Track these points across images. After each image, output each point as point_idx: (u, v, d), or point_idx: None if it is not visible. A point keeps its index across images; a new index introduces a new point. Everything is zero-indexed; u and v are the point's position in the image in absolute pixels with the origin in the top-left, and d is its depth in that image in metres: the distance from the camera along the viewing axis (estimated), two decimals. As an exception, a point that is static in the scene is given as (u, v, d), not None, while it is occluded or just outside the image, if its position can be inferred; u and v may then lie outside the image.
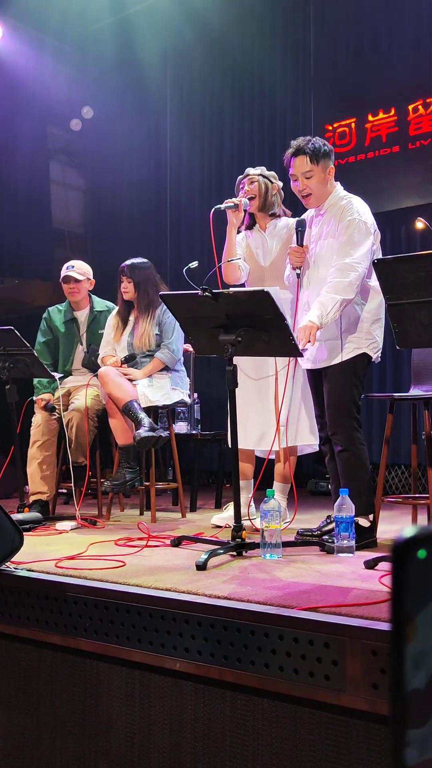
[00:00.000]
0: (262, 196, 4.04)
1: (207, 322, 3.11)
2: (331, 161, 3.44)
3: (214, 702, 2.18)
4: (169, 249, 7.86)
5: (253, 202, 4.04)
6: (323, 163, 3.40)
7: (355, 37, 6.62)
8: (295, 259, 3.47)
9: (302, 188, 3.43)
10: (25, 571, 2.76)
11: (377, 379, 6.16)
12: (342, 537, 3.02)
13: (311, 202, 3.46)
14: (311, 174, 3.39)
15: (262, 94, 7.24)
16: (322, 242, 3.43)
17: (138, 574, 2.63)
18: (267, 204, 4.06)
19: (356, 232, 3.28)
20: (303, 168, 3.39)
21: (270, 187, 4.06)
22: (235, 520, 3.08)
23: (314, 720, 1.98)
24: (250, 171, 4.11)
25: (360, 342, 3.34)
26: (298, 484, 6.28)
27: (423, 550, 0.59)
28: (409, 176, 6.12)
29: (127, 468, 4.30)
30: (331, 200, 3.43)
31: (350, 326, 3.34)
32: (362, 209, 3.36)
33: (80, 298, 4.77)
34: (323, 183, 3.42)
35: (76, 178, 8.74)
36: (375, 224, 3.37)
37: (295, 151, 3.41)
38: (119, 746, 2.39)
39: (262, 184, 4.05)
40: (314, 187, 3.41)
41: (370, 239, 3.30)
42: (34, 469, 4.43)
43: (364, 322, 3.35)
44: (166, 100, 8.01)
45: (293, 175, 3.45)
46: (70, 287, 4.72)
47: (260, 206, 4.06)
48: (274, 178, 4.11)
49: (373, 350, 3.38)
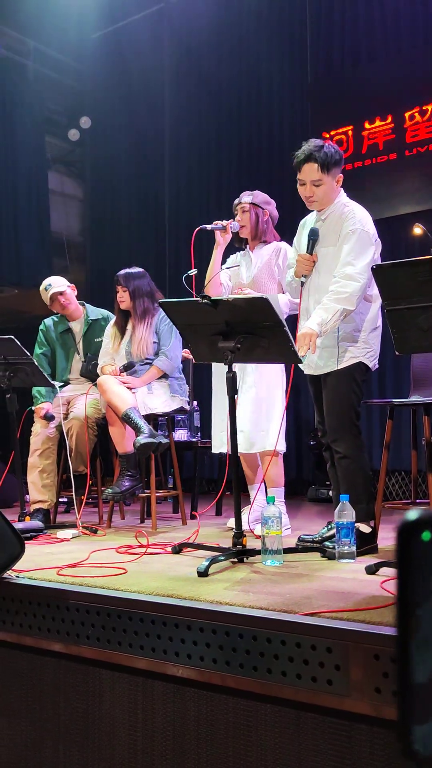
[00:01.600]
0: (254, 226, 4.23)
1: (206, 329, 3.12)
2: (340, 169, 3.38)
3: (217, 708, 2.18)
4: (167, 257, 7.89)
5: (244, 230, 4.23)
6: (333, 171, 3.34)
7: (351, 45, 6.66)
8: (302, 266, 3.43)
9: (309, 195, 3.37)
10: (27, 579, 2.76)
11: (377, 385, 6.17)
12: (343, 543, 3.02)
13: (314, 206, 3.43)
14: (320, 183, 3.33)
15: (260, 102, 7.28)
16: (323, 250, 3.40)
17: (139, 581, 2.63)
18: (258, 233, 4.25)
19: (358, 242, 3.26)
20: (312, 176, 3.33)
21: (261, 216, 4.22)
22: (236, 526, 3.09)
23: (317, 725, 1.98)
24: (243, 198, 4.25)
25: (356, 351, 3.34)
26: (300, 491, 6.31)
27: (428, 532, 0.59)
28: (407, 183, 6.15)
29: (127, 476, 4.30)
30: (334, 207, 3.39)
31: (347, 336, 3.33)
32: (365, 218, 3.33)
33: (73, 306, 4.79)
34: (331, 191, 3.37)
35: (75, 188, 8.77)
36: (376, 234, 3.36)
37: (306, 157, 3.33)
38: (122, 753, 2.38)
39: (253, 214, 4.21)
40: (321, 195, 3.36)
41: (371, 249, 3.28)
42: (35, 477, 4.44)
43: (363, 331, 3.35)
44: (164, 109, 8.04)
45: (301, 180, 3.38)
46: (61, 303, 4.75)
47: (252, 235, 4.26)
48: (266, 204, 4.24)
49: (370, 359, 3.38)
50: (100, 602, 2.45)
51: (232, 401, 3.08)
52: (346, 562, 2.99)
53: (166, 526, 4.53)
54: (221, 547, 3.22)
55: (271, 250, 4.22)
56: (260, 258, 4.23)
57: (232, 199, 4.37)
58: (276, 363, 3.75)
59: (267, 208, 4.24)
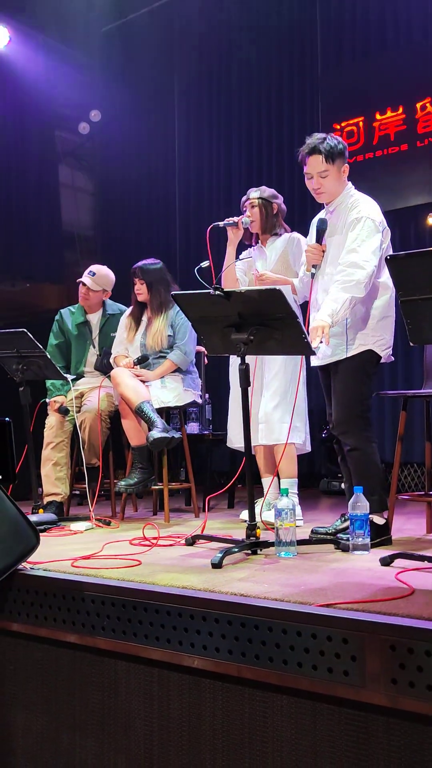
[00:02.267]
0: (263, 220, 4.26)
1: (219, 321, 3.12)
2: (345, 159, 3.43)
3: (232, 699, 2.18)
4: (178, 250, 7.88)
5: (254, 225, 4.25)
6: (338, 162, 3.39)
7: (362, 35, 6.62)
8: (312, 256, 3.44)
9: (317, 186, 3.42)
10: (42, 570, 2.77)
11: (389, 377, 6.15)
12: (357, 534, 3.02)
13: (323, 198, 3.46)
14: (327, 173, 3.38)
15: (270, 94, 7.25)
16: (330, 239, 3.42)
17: (154, 573, 2.64)
18: (268, 226, 4.28)
19: (362, 230, 3.27)
20: (318, 168, 3.38)
21: (270, 210, 4.25)
22: (249, 518, 3.09)
23: (333, 716, 1.98)
24: (251, 194, 4.27)
25: (366, 339, 3.32)
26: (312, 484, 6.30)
27: None
28: (418, 174, 6.12)
29: (140, 468, 4.31)
30: (341, 198, 3.43)
31: (356, 323, 3.32)
32: (370, 207, 3.35)
33: (91, 304, 4.80)
34: (338, 181, 3.41)
35: (85, 182, 8.76)
36: (384, 222, 3.36)
37: (310, 150, 3.40)
38: (138, 744, 2.39)
39: (262, 208, 4.23)
40: (329, 186, 3.41)
41: (377, 237, 3.28)
42: (48, 470, 4.45)
43: (371, 319, 3.33)
44: (174, 101, 8.02)
45: (308, 174, 3.44)
46: (83, 292, 4.75)
47: (262, 229, 4.28)
48: (273, 198, 4.26)
49: (381, 347, 3.35)
50: (115, 593, 2.45)
51: (245, 393, 3.08)
52: (361, 553, 2.99)
53: (178, 518, 4.54)
54: (234, 539, 3.22)
55: (284, 241, 4.23)
56: (274, 251, 4.24)
57: (242, 192, 4.38)
58: (289, 354, 3.73)
59: (275, 201, 4.26)
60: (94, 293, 4.76)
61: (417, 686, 1.81)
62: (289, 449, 4.06)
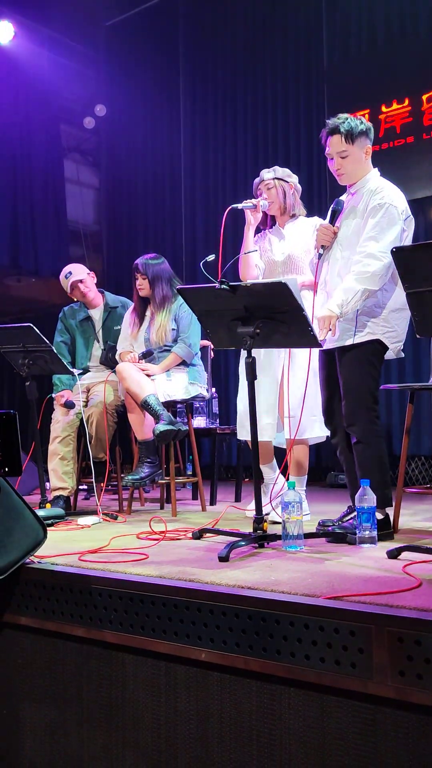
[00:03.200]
0: (281, 200, 4.06)
1: (225, 314, 3.11)
2: (369, 140, 3.37)
3: (240, 692, 2.18)
4: (184, 244, 7.87)
5: (272, 206, 4.07)
6: (359, 142, 3.33)
7: (368, 27, 6.60)
8: (322, 236, 3.41)
9: (337, 167, 3.37)
10: (50, 564, 2.78)
11: (397, 371, 6.14)
12: (364, 527, 3.01)
13: (344, 179, 3.41)
14: (346, 153, 3.33)
15: (275, 87, 7.23)
16: (347, 222, 3.37)
17: (161, 566, 2.64)
18: (287, 207, 4.08)
19: (384, 217, 3.22)
20: (338, 147, 3.33)
21: (287, 189, 4.07)
22: (257, 512, 3.09)
23: (341, 708, 1.98)
24: (264, 175, 4.09)
25: (375, 327, 3.27)
26: (318, 477, 6.30)
27: None
28: (424, 166, 6.11)
29: (146, 462, 4.31)
30: (364, 181, 3.37)
31: (367, 310, 3.27)
32: (394, 194, 3.28)
33: (93, 294, 4.80)
34: (359, 163, 3.36)
35: (91, 176, 8.77)
36: (408, 210, 3.30)
37: (331, 130, 3.35)
38: (146, 737, 2.40)
39: (279, 187, 4.05)
40: (349, 168, 3.36)
41: (398, 226, 3.22)
42: (55, 464, 4.46)
43: (383, 308, 3.28)
44: (179, 95, 8.01)
45: (329, 154, 3.38)
46: (81, 291, 4.76)
47: (281, 210, 4.09)
48: (288, 177, 4.10)
49: (391, 339, 3.30)
50: (123, 587, 2.45)
51: (251, 387, 3.08)
52: (368, 546, 2.98)
53: (185, 512, 4.54)
54: (242, 533, 3.22)
55: (307, 227, 4.06)
56: (293, 234, 4.08)
57: (248, 184, 4.30)
58: (295, 347, 3.72)
59: (291, 180, 4.10)
60: (86, 282, 4.77)
61: (425, 678, 1.80)
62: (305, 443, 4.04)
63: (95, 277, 4.88)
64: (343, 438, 3.45)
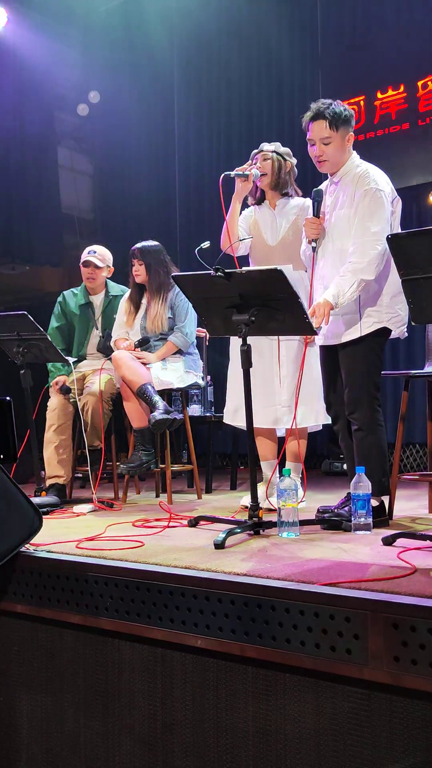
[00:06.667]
0: (275, 174, 3.99)
1: (220, 302, 3.10)
2: (351, 128, 3.34)
3: (236, 678, 2.19)
4: (179, 231, 7.85)
5: (264, 179, 4.00)
6: (342, 129, 3.30)
7: (362, 13, 6.56)
8: (310, 230, 3.39)
9: (319, 154, 3.33)
10: (45, 552, 2.78)
11: (390, 357, 6.14)
12: (359, 515, 3.02)
13: (325, 167, 3.37)
14: (329, 140, 3.29)
15: (270, 74, 7.19)
16: (337, 212, 3.35)
17: (157, 554, 2.64)
18: (279, 183, 4.01)
19: (372, 202, 3.20)
20: (321, 134, 3.29)
21: (283, 166, 4.01)
22: (252, 499, 3.09)
23: (336, 694, 1.99)
24: (264, 146, 4.04)
25: (380, 316, 3.27)
26: (313, 465, 6.30)
27: None
28: (420, 153, 6.09)
29: (142, 451, 4.32)
30: (347, 168, 3.34)
31: (369, 300, 3.26)
32: (379, 178, 3.27)
33: (97, 284, 4.77)
34: (341, 150, 3.32)
35: (85, 164, 8.72)
36: (394, 191, 3.29)
37: (314, 115, 3.30)
38: (142, 724, 2.41)
39: (275, 161, 3.99)
40: (331, 154, 3.32)
41: (387, 210, 3.21)
42: (51, 453, 4.45)
43: (384, 295, 3.27)
44: (174, 81, 7.96)
45: (311, 140, 3.34)
46: (89, 272, 4.73)
47: (272, 184, 4.02)
48: (288, 156, 4.05)
49: (396, 324, 3.29)
50: (119, 574, 2.46)
51: (246, 375, 3.07)
52: (363, 533, 2.99)
53: (181, 500, 4.55)
54: (237, 520, 3.23)
55: (296, 207, 4.02)
56: (285, 216, 4.03)
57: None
58: (291, 335, 3.72)
59: (290, 160, 4.05)
60: (99, 270, 4.73)
61: (419, 664, 1.81)
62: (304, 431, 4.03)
63: (111, 273, 4.84)
64: (344, 425, 3.45)
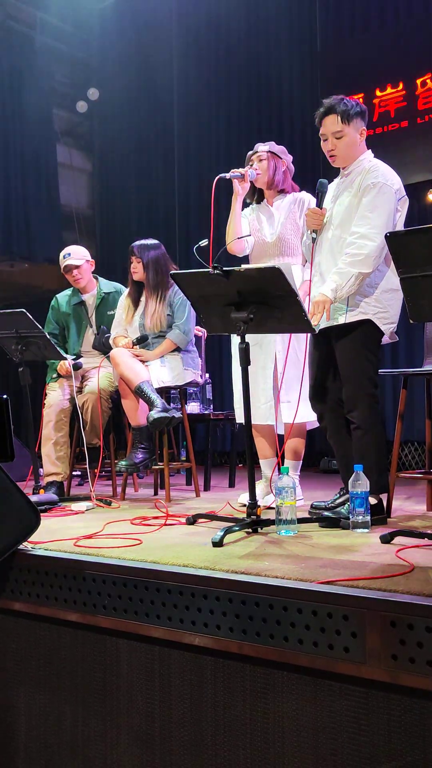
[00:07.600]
0: (271, 174, 4.03)
1: (218, 300, 3.10)
2: (363, 123, 3.33)
3: (234, 676, 2.19)
4: (177, 228, 7.84)
5: (260, 178, 4.03)
6: (354, 123, 3.29)
7: (361, 11, 6.55)
8: (311, 221, 3.38)
9: (331, 148, 3.33)
10: (43, 550, 2.78)
11: (390, 355, 6.14)
12: (357, 512, 3.02)
13: (337, 162, 3.37)
14: (341, 134, 3.29)
15: (269, 71, 7.19)
16: (341, 200, 3.34)
17: (155, 552, 2.64)
18: (275, 181, 4.05)
19: (378, 196, 3.19)
20: (333, 128, 3.29)
21: (278, 165, 4.04)
22: (250, 497, 3.09)
23: (334, 692, 1.99)
24: (258, 147, 4.07)
25: (367, 307, 3.24)
26: (311, 463, 6.30)
27: None
28: (419, 151, 6.09)
29: (140, 448, 4.31)
30: (358, 164, 3.33)
31: (359, 289, 3.23)
32: (389, 174, 3.26)
33: (85, 282, 4.77)
34: (353, 144, 3.32)
35: (84, 161, 8.71)
36: (402, 190, 3.28)
37: (326, 110, 3.31)
38: (140, 722, 2.41)
39: (270, 161, 4.02)
40: (343, 148, 3.31)
41: (392, 206, 3.20)
42: (49, 450, 4.45)
43: (375, 288, 3.25)
44: (173, 79, 7.95)
45: (323, 135, 3.34)
46: (74, 276, 4.73)
47: (269, 183, 4.05)
48: (283, 154, 4.08)
49: (382, 320, 3.26)
50: (117, 572, 2.46)
51: (245, 372, 3.07)
52: (361, 531, 2.99)
53: (179, 497, 4.55)
54: (235, 518, 3.23)
55: (290, 201, 4.04)
56: (281, 212, 4.05)
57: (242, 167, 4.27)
58: (289, 333, 3.71)
59: (284, 158, 4.08)
60: (81, 268, 4.73)
61: (417, 662, 1.81)
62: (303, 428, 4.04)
63: (93, 265, 4.84)
64: (331, 421, 3.44)
